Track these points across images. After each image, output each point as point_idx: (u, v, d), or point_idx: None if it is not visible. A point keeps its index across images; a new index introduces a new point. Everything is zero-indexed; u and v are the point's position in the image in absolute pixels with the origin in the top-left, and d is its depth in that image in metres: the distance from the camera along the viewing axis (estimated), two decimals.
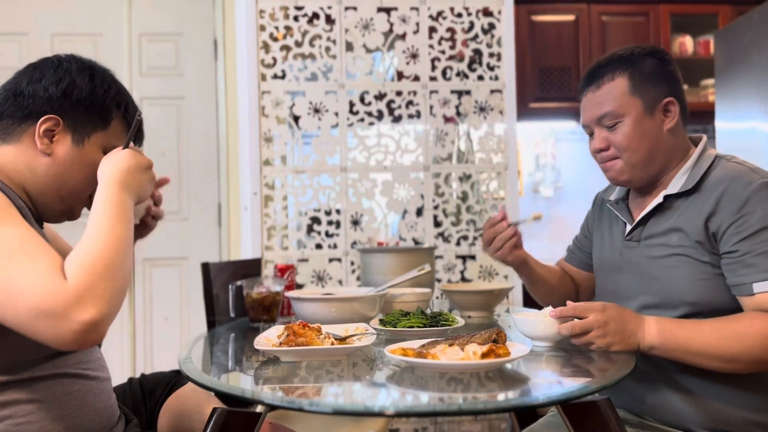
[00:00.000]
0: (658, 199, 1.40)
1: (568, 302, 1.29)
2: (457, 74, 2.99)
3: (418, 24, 2.96)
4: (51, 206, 1.23)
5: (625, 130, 1.40)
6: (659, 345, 1.25)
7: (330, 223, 2.92)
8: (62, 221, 1.29)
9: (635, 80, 1.40)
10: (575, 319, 1.26)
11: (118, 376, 1.36)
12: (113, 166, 1.17)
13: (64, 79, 1.21)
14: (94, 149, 1.22)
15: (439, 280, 2.89)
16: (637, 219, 1.44)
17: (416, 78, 2.97)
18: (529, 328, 1.34)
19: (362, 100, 2.94)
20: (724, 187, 1.30)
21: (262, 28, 2.90)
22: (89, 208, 1.31)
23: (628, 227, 1.47)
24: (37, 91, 1.19)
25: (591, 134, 1.48)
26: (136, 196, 1.19)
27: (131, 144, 1.26)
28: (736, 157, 1.40)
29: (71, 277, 0.95)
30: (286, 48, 2.92)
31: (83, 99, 1.21)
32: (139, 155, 1.22)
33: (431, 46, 2.97)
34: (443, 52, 2.98)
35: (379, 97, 2.95)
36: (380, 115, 2.96)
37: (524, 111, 3.49)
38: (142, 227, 1.41)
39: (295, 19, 2.92)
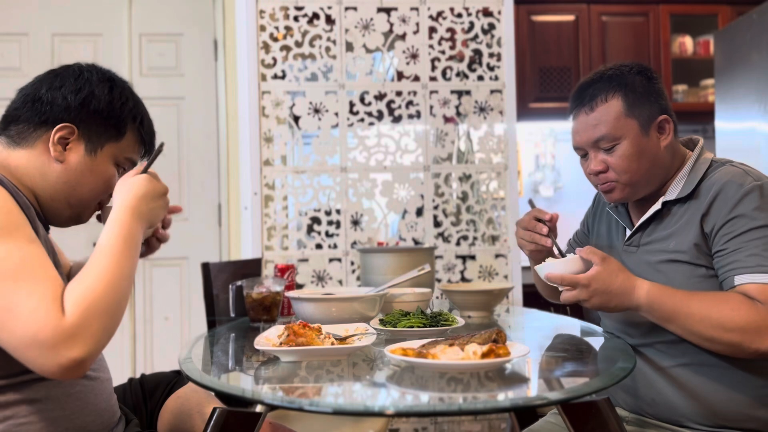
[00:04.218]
0: (657, 205, 1.41)
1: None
2: (457, 74, 2.99)
3: (418, 24, 2.96)
4: (59, 212, 1.24)
5: (622, 152, 1.39)
6: (645, 309, 1.29)
7: (330, 223, 2.92)
8: (70, 226, 1.30)
9: (629, 101, 1.39)
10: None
11: (118, 376, 1.36)
12: (128, 192, 1.18)
13: (84, 89, 1.22)
14: (105, 159, 1.24)
15: (439, 280, 2.89)
16: (637, 225, 1.46)
17: (416, 78, 2.97)
18: (549, 269, 1.36)
19: (362, 100, 2.94)
20: (718, 189, 1.32)
21: (262, 28, 2.90)
22: (100, 211, 1.33)
23: (628, 232, 1.48)
24: (55, 98, 1.20)
25: (584, 156, 1.47)
26: (148, 222, 1.21)
27: (151, 169, 1.27)
28: (732, 160, 1.41)
29: (69, 313, 0.97)
30: (286, 48, 2.92)
31: (101, 110, 1.22)
32: (156, 181, 1.23)
33: (431, 47, 2.97)
34: (443, 52, 2.98)
35: (379, 97, 2.95)
36: (380, 116, 2.96)
37: (524, 111, 3.49)
38: (146, 248, 1.39)
39: (295, 19, 2.92)
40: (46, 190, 1.21)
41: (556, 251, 1.50)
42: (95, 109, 1.22)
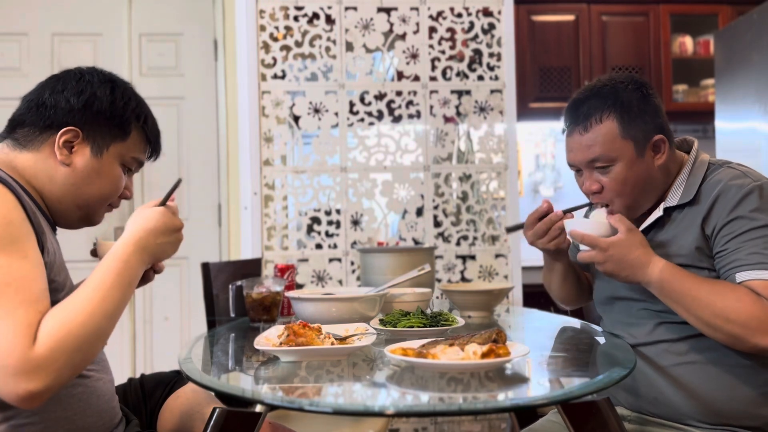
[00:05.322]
0: (658, 212, 1.41)
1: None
2: (457, 74, 2.99)
3: (418, 24, 2.96)
4: (68, 214, 1.24)
5: (616, 175, 1.38)
6: (655, 287, 1.31)
7: (330, 223, 2.92)
8: (81, 227, 1.30)
9: (624, 122, 1.37)
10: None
11: (118, 376, 1.36)
12: (138, 224, 1.17)
13: (86, 91, 1.22)
14: (111, 160, 1.24)
15: (439, 280, 2.89)
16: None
17: (416, 78, 2.97)
18: (575, 226, 1.38)
19: (362, 100, 2.94)
20: (718, 191, 1.33)
21: (262, 28, 2.90)
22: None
23: None
24: (58, 101, 1.21)
25: (578, 171, 1.46)
26: (154, 257, 1.19)
27: (170, 201, 1.25)
28: (729, 161, 1.42)
29: (39, 343, 0.95)
30: (286, 48, 2.92)
31: (103, 111, 1.22)
32: (171, 216, 1.21)
33: (431, 46, 2.97)
34: (443, 52, 2.98)
35: (379, 97, 2.95)
36: (380, 115, 2.96)
37: (524, 111, 3.49)
38: (142, 279, 1.36)
39: (295, 19, 2.92)
40: (53, 193, 1.21)
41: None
42: (98, 110, 1.22)
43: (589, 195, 1.45)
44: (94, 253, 1.30)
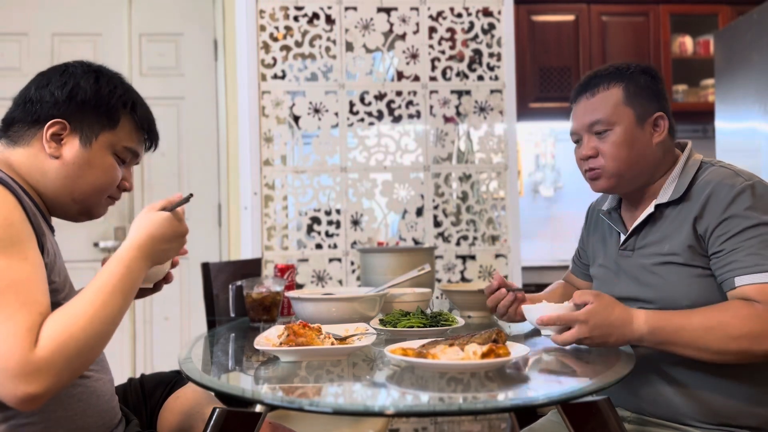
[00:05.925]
0: (650, 209, 1.42)
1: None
2: (457, 74, 2.99)
3: (418, 24, 2.96)
4: (67, 208, 1.24)
5: (615, 139, 1.41)
6: (648, 337, 1.27)
7: (330, 223, 2.92)
8: (83, 221, 1.30)
9: (629, 92, 1.43)
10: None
11: (118, 376, 1.36)
12: (143, 229, 1.17)
13: (69, 83, 1.22)
14: (101, 150, 1.23)
15: (439, 280, 2.89)
16: (630, 229, 1.46)
17: (416, 78, 2.97)
18: (535, 316, 1.34)
19: (362, 100, 2.94)
20: (710, 191, 1.33)
21: (262, 28, 2.90)
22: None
23: (622, 237, 1.49)
24: (43, 96, 1.21)
25: (578, 141, 1.50)
26: (156, 263, 1.19)
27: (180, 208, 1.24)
28: (721, 161, 1.43)
29: (41, 346, 0.95)
30: (286, 48, 2.92)
31: (88, 100, 1.22)
32: (176, 222, 1.20)
33: (431, 46, 2.97)
34: (443, 52, 2.98)
35: (379, 97, 2.95)
36: (380, 115, 2.96)
37: (524, 111, 3.49)
38: (153, 288, 1.37)
39: (295, 19, 2.92)
40: (48, 188, 1.21)
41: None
42: (83, 100, 1.21)
43: (583, 162, 1.47)
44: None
